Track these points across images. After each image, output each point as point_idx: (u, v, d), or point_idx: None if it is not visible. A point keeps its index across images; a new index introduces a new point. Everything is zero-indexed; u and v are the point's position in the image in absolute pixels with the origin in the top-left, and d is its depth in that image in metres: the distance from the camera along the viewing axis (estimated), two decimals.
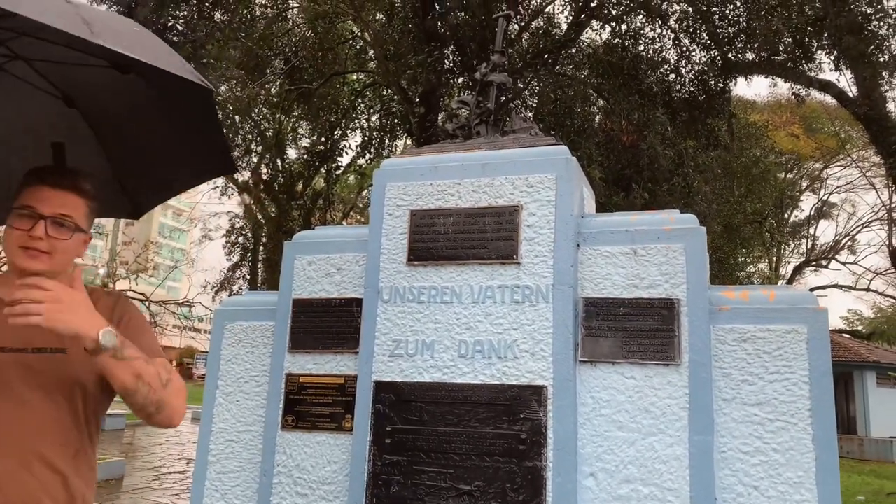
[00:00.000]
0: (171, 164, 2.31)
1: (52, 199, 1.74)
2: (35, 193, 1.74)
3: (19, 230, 1.71)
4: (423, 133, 10.90)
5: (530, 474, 2.64)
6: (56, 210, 1.74)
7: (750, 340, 2.65)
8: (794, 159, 27.17)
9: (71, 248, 1.80)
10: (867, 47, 10.38)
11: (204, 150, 2.21)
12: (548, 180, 2.93)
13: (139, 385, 1.68)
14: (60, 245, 1.76)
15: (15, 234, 1.72)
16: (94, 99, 2.11)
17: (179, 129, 2.15)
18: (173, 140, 2.20)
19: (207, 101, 1.95)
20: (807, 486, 2.48)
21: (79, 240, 1.82)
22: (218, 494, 3.24)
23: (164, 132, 2.18)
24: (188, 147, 2.19)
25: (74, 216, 1.78)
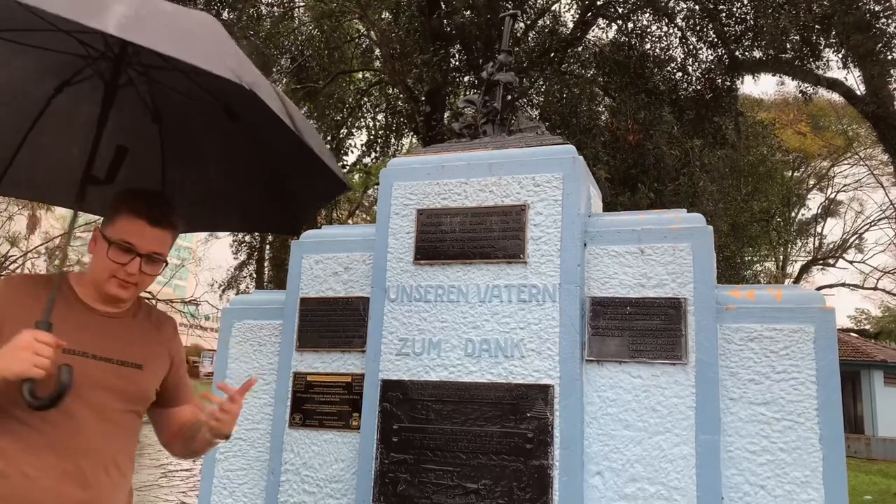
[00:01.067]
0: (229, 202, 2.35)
1: (150, 236, 1.77)
2: (134, 228, 1.75)
3: (115, 263, 1.75)
4: (429, 132, 10.90)
5: (537, 473, 2.65)
6: (152, 248, 1.78)
7: (757, 339, 2.65)
8: (802, 157, 27.04)
9: (154, 279, 1.88)
10: (875, 45, 10.32)
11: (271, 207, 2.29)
12: (554, 179, 2.94)
13: (206, 448, 1.96)
14: (149, 279, 1.83)
15: (109, 264, 1.75)
16: (181, 122, 2.16)
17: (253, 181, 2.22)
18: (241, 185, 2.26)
19: (331, 191, 2.15)
20: (814, 485, 2.48)
21: (158, 268, 1.87)
22: (226, 492, 3.26)
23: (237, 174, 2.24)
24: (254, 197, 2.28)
25: (166, 253, 1.84)
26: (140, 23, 1.35)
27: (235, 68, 1.42)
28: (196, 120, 2.10)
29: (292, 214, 2.32)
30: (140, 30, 1.34)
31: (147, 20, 1.38)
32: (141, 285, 1.81)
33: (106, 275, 1.75)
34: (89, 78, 1.99)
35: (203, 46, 1.46)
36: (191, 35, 1.48)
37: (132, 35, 1.33)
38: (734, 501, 2.55)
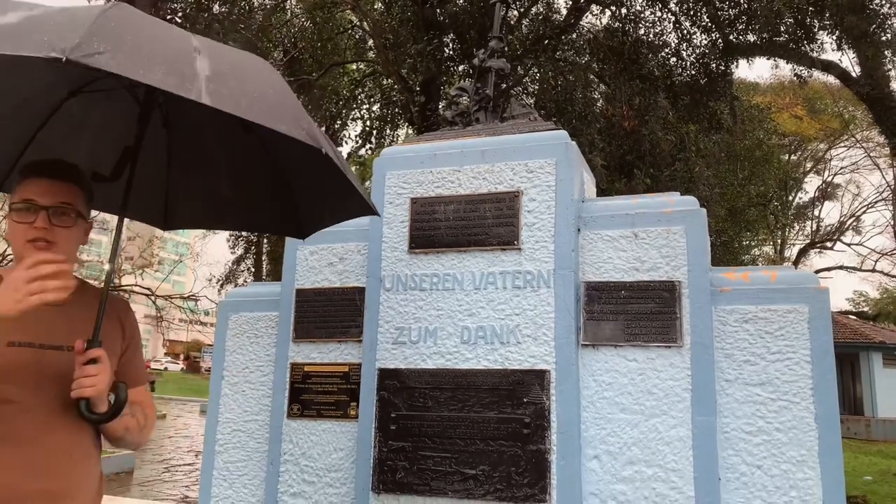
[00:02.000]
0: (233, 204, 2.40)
1: (51, 189, 1.76)
2: (33, 187, 1.76)
3: (22, 223, 1.74)
4: (423, 122, 10.87)
5: (534, 458, 2.66)
6: (56, 199, 1.76)
7: (751, 321, 2.66)
8: (798, 141, 27.02)
9: (74, 237, 1.82)
10: (869, 26, 10.30)
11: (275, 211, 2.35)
12: (547, 165, 2.93)
13: (125, 434, 1.85)
14: (64, 234, 1.78)
15: (19, 229, 1.74)
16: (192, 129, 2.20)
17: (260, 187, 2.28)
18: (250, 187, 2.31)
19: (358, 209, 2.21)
20: (810, 464, 2.49)
21: (81, 228, 1.84)
22: (226, 483, 3.28)
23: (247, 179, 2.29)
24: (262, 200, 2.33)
25: (74, 203, 1.80)
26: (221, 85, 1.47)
27: (308, 129, 1.54)
28: (209, 129, 2.14)
29: (297, 219, 2.36)
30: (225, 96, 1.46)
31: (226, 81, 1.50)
32: (60, 243, 1.76)
33: (21, 243, 1.73)
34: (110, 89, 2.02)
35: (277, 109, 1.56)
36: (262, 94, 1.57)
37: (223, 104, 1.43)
38: (731, 482, 2.57)
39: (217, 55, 1.60)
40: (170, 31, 1.63)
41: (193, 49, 1.54)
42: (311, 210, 2.34)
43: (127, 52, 1.40)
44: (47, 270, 1.53)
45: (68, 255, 1.80)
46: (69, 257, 1.80)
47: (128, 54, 1.40)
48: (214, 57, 1.56)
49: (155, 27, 1.60)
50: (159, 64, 1.43)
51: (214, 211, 2.48)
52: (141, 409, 1.92)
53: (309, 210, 2.34)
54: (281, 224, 2.45)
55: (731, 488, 2.56)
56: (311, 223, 2.40)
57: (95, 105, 2.14)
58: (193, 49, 1.54)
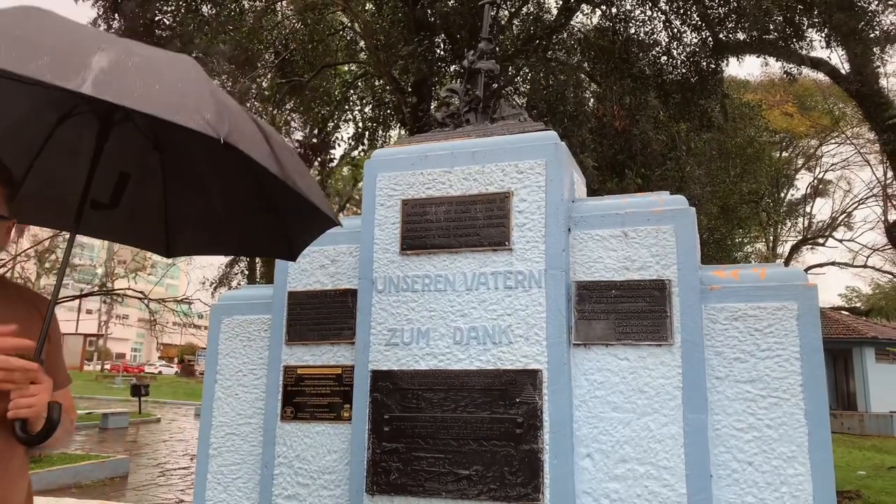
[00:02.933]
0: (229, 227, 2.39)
1: None
2: None
3: None
4: (415, 123, 10.87)
5: (527, 457, 2.67)
6: None
7: (741, 318, 2.67)
8: (789, 138, 27.11)
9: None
10: (857, 23, 10.34)
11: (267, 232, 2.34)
12: (537, 166, 2.95)
13: (53, 442, 1.73)
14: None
15: None
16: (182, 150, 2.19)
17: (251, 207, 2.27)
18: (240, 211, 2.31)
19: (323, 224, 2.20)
20: (800, 459, 2.51)
21: (3, 227, 1.69)
22: (220, 487, 3.28)
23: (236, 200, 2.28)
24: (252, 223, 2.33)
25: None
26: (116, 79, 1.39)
27: (212, 119, 1.44)
28: (196, 149, 2.12)
29: (287, 240, 2.35)
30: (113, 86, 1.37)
31: (124, 74, 1.42)
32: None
33: None
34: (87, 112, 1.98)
35: (179, 99, 1.47)
36: (167, 85, 1.48)
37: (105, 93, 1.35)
38: (723, 478, 2.59)
39: (129, 52, 1.51)
40: (81, 31, 1.54)
41: (98, 46, 1.46)
42: (296, 230, 2.33)
43: (10, 43, 1.33)
44: None
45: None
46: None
47: (9, 45, 1.32)
48: (124, 54, 1.49)
49: (66, 28, 1.52)
50: (44, 55, 1.35)
51: (210, 235, 2.45)
52: (68, 415, 1.80)
53: (294, 230, 2.33)
54: (274, 246, 2.42)
55: (722, 485, 2.58)
56: (298, 243, 2.40)
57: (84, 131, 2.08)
58: (98, 46, 1.46)
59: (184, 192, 2.29)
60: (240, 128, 1.56)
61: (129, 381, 34.38)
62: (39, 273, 28.88)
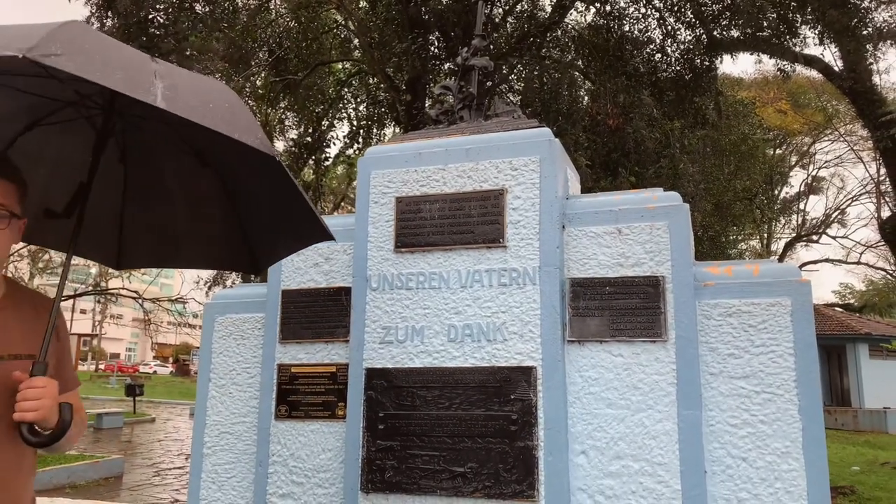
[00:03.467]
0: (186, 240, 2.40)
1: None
2: None
3: None
4: (410, 121, 10.85)
5: (522, 454, 2.67)
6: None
7: (735, 315, 2.68)
8: (783, 135, 27.21)
9: (6, 238, 1.70)
10: (850, 20, 10.37)
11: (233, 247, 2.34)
12: (531, 163, 2.94)
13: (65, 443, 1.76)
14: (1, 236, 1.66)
15: None
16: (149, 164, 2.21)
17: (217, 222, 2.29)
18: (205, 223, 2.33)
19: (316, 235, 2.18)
20: (794, 455, 2.52)
21: (14, 227, 1.72)
22: (215, 486, 3.27)
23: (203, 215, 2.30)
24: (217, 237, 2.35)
25: (7, 203, 1.67)
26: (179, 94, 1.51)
27: (263, 139, 1.57)
28: (166, 163, 2.16)
29: (254, 254, 2.34)
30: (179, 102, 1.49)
31: (182, 92, 1.54)
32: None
33: None
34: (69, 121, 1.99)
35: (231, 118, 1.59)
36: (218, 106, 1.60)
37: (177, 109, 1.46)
38: (717, 474, 2.59)
39: (172, 71, 1.63)
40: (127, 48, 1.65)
41: (151, 61, 1.57)
42: (266, 242, 2.32)
43: (85, 56, 1.41)
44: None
45: (2, 255, 1.71)
46: (2, 258, 1.73)
47: (86, 58, 1.41)
48: (170, 72, 1.60)
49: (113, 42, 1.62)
50: (117, 70, 1.45)
51: (169, 247, 2.43)
52: (78, 416, 1.82)
53: (264, 242, 2.31)
54: (236, 258, 2.40)
55: (717, 481, 2.58)
56: (266, 256, 2.37)
57: (51, 139, 2.08)
58: (151, 61, 1.57)
59: (145, 204, 2.28)
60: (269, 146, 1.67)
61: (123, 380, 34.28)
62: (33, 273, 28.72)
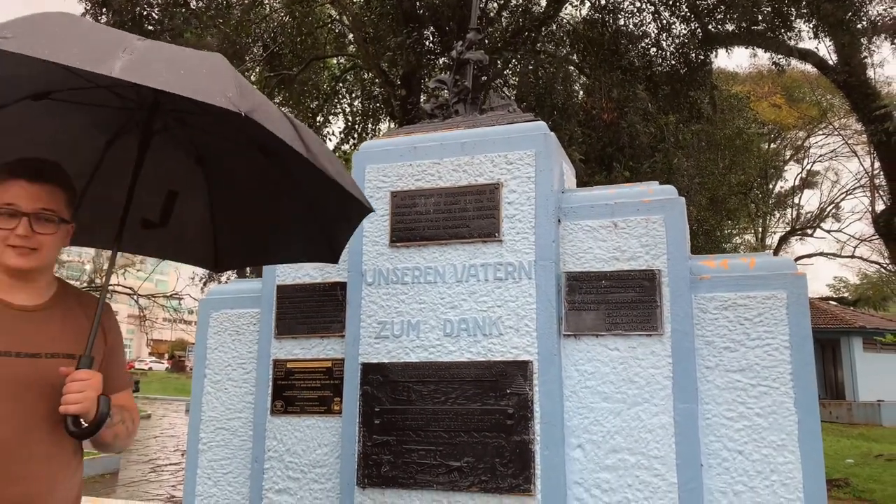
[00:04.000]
0: (274, 237, 2.44)
1: (33, 194, 1.70)
2: (14, 189, 1.69)
3: (3, 229, 1.68)
4: (405, 116, 10.82)
5: (518, 448, 2.67)
6: (38, 205, 1.71)
7: (731, 308, 2.68)
8: (777, 129, 27.24)
9: (56, 243, 1.78)
10: (845, 14, 10.37)
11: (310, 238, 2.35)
12: (527, 157, 2.94)
13: (114, 441, 1.84)
14: (47, 240, 1.74)
15: (1, 234, 1.69)
16: (222, 162, 2.24)
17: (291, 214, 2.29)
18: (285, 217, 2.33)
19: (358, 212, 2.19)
20: (790, 448, 2.52)
21: (63, 232, 1.80)
22: (210, 482, 3.26)
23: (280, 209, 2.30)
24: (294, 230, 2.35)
25: (56, 209, 1.75)
26: (143, 66, 1.46)
27: (234, 98, 1.48)
28: (236, 160, 2.16)
29: (329, 243, 2.36)
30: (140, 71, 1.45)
31: (152, 63, 1.49)
32: (42, 250, 1.74)
33: (2, 248, 1.69)
34: (133, 130, 2.05)
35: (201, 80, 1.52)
36: (191, 71, 1.54)
37: (133, 76, 1.42)
38: (713, 467, 2.59)
39: (158, 48, 1.59)
40: (109, 32, 1.62)
41: (126, 42, 1.52)
42: (334, 227, 2.33)
43: (39, 38, 1.40)
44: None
45: (49, 260, 1.79)
46: (50, 262, 1.80)
47: (39, 39, 1.40)
48: (152, 49, 1.55)
49: (95, 29, 1.61)
50: (75, 47, 1.42)
51: (258, 244, 2.48)
52: (129, 414, 1.91)
53: (333, 228, 2.33)
54: (318, 249, 2.41)
55: (713, 474, 2.58)
56: (339, 242, 2.39)
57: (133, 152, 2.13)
58: (126, 42, 1.52)
59: (229, 204, 2.34)
60: (264, 108, 1.60)
61: None
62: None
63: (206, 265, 2.53)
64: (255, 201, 2.30)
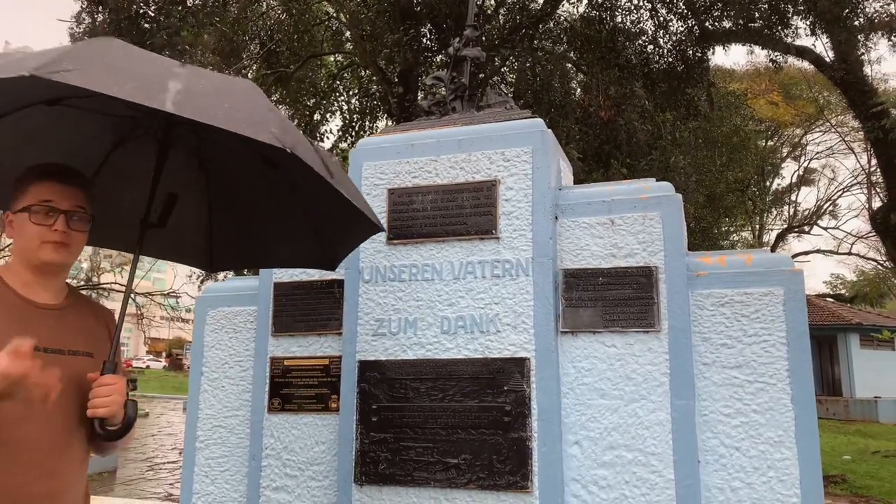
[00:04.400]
0: (270, 241, 2.49)
1: (67, 193, 1.80)
2: (48, 188, 1.78)
3: (41, 225, 1.76)
4: (402, 113, 10.82)
5: (516, 445, 2.67)
6: (73, 202, 1.80)
7: (728, 304, 2.68)
8: (774, 127, 27.27)
9: (84, 240, 1.88)
10: (842, 11, 10.38)
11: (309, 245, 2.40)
12: (524, 154, 2.93)
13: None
14: (79, 237, 1.83)
15: (35, 230, 1.76)
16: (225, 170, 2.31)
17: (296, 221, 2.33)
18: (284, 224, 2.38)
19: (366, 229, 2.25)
20: (787, 444, 2.53)
21: (88, 231, 1.89)
22: (208, 480, 3.26)
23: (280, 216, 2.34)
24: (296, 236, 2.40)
25: (88, 208, 1.85)
26: (191, 99, 1.53)
27: (278, 134, 1.57)
28: (239, 169, 2.24)
29: (328, 251, 2.41)
30: (190, 105, 1.51)
31: (198, 95, 1.57)
32: (74, 246, 1.82)
33: (36, 242, 1.76)
34: (143, 135, 2.14)
35: (248, 116, 1.61)
36: (235, 106, 1.62)
37: (185, 111, 1.50)
38: (710, 464, 2.60)
39: (198, 76, 1.68)
40: (153, 59, 1.72)
41: (173, 71, 1.61)
42: (338, 240, 2.39)
43: (97, 70, 1.48)
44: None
45: (75, 258, 1.90)
46: (74, 259, 1.91)
47: (97, 72, 1.47)
48: (195, 77, 1.64)
49: (140, 55, 1.69)
50: (130, 80, 1.49)
51: (257, 249, 2.53)
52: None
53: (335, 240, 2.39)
54: (316, 256, 2.46)
55: (710, 470, 2.59)
56: (338, 255, 2.44)
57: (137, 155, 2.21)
58: (173, 71, 1.61)
59: (227, 209, 2.41)
60: (302, 143, 1.70)
61: None
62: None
63: (201, 266, 2.60)
64: (256, 209, 2.37)
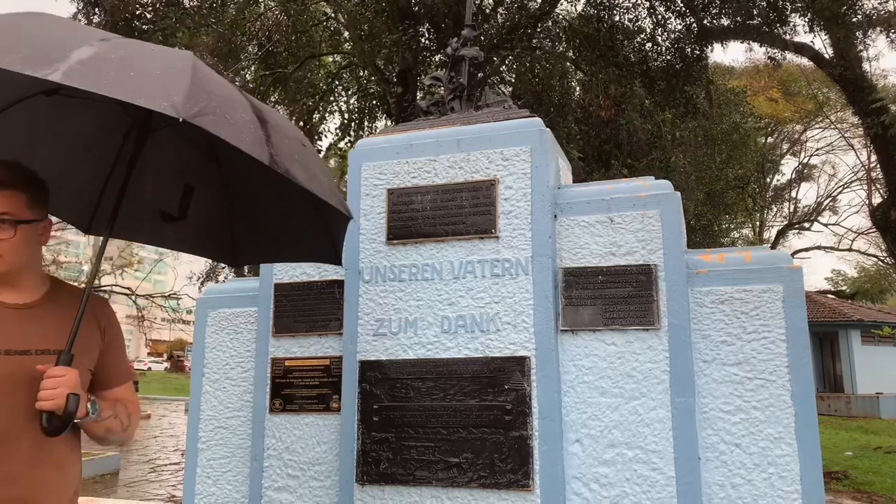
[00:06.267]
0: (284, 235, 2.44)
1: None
2: None
3: None
4: (401, 113, 10.83)
5: (517, 444, 2.67)
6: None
7: (727, 302, 2.68)
8: (774, 123, 27.27)
9: (18, 245, 1.72)
10: (840, 8, 10.39)
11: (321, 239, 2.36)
12: (523, 153, 2.94)
13: (107, 435, 1.86)
14: (6, 245, 1.69)
15: None
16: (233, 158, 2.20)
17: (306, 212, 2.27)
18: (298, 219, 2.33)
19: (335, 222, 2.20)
20: (787, 440, 2.53)
21: (28, 232, 1.74)
22: (210, 481, 3.26)
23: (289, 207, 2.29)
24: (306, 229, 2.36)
25: (11, 211, 1.68)
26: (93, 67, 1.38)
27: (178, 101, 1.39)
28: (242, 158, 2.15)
29: (334, 244, 2.36)
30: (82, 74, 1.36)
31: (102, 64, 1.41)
32: (5, 255, 1.69)
33: None
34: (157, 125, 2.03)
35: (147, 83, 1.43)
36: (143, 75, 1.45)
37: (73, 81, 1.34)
38: (711, 461, 2.60)
39: (119, 47, 1.51)
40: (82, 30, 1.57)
41: (87, 40, 1.46)
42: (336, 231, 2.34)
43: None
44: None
45: (17, 264, 1.73)
46: (19, 264, 1.73)
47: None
48: (113, 48, 1.49)
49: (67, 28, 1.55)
50: (23, 49, 1.37)
51: (273, 242, 2.49)
52: (124, 407, 1.90)
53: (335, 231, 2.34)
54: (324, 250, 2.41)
55: (710, 467, 2.59)
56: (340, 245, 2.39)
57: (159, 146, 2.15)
58: (87, 40, 1.46)
59: (242, 199, 2.35)
60: (220, 112, 1.51)
61: None
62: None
63: (226, 260, 2.54)
64: (268, 199, 2.29)
